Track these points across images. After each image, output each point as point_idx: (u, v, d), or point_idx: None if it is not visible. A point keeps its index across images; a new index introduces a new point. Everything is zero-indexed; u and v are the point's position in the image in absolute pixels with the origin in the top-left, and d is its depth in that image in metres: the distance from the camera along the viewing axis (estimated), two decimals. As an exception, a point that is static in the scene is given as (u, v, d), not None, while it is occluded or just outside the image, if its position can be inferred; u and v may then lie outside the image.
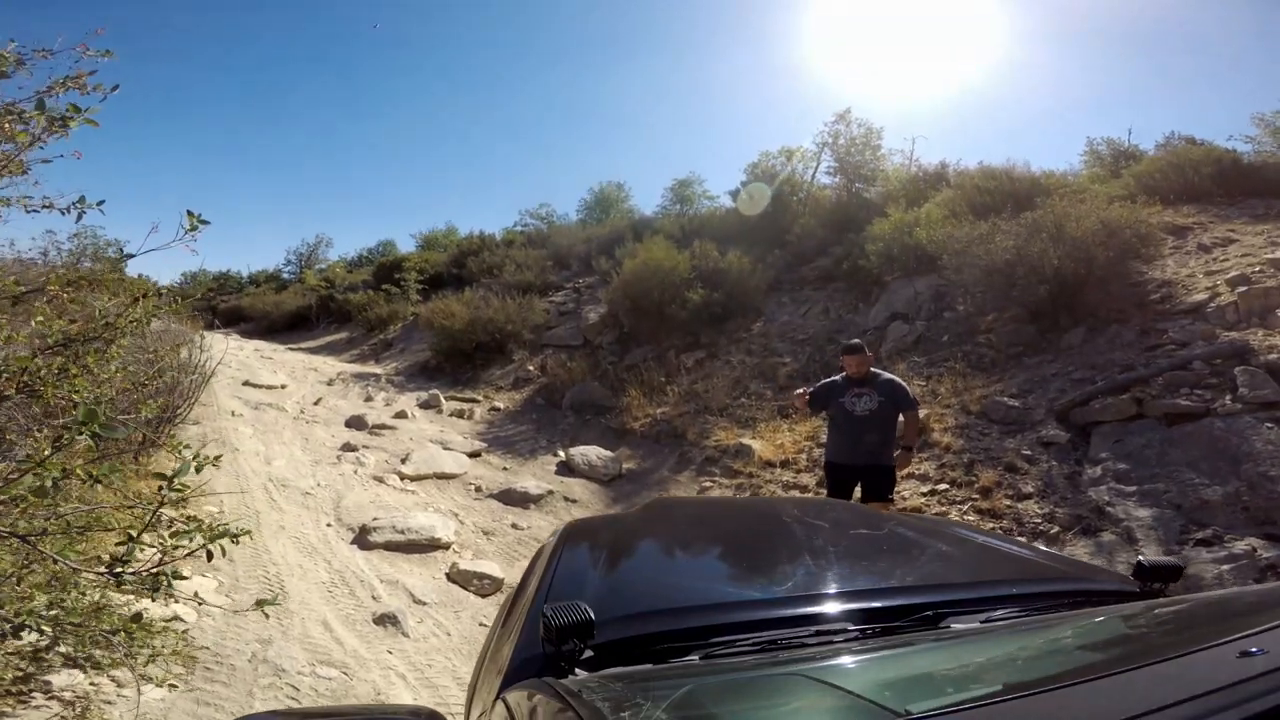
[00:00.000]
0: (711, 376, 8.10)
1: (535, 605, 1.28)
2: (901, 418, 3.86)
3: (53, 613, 2.20)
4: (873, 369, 3.92)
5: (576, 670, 0.99)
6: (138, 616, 2.34)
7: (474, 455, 6.97)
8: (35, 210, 1.62)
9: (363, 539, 4.18)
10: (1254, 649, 0.63)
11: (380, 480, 5.63)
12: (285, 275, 32.84)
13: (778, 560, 1.62)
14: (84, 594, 2.35)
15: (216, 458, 1.92)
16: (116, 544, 1.58)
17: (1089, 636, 1.04)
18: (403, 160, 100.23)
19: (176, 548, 1.50)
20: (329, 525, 4.40)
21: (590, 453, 6.77)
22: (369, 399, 9.99)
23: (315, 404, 9.22)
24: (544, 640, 1.02)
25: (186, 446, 1.75)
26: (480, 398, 9.96)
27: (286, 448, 6.34)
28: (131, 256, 1.76)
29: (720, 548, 1.81)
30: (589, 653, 1.02)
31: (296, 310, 22.53)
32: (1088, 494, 4.49)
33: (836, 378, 4.04)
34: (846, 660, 0.99)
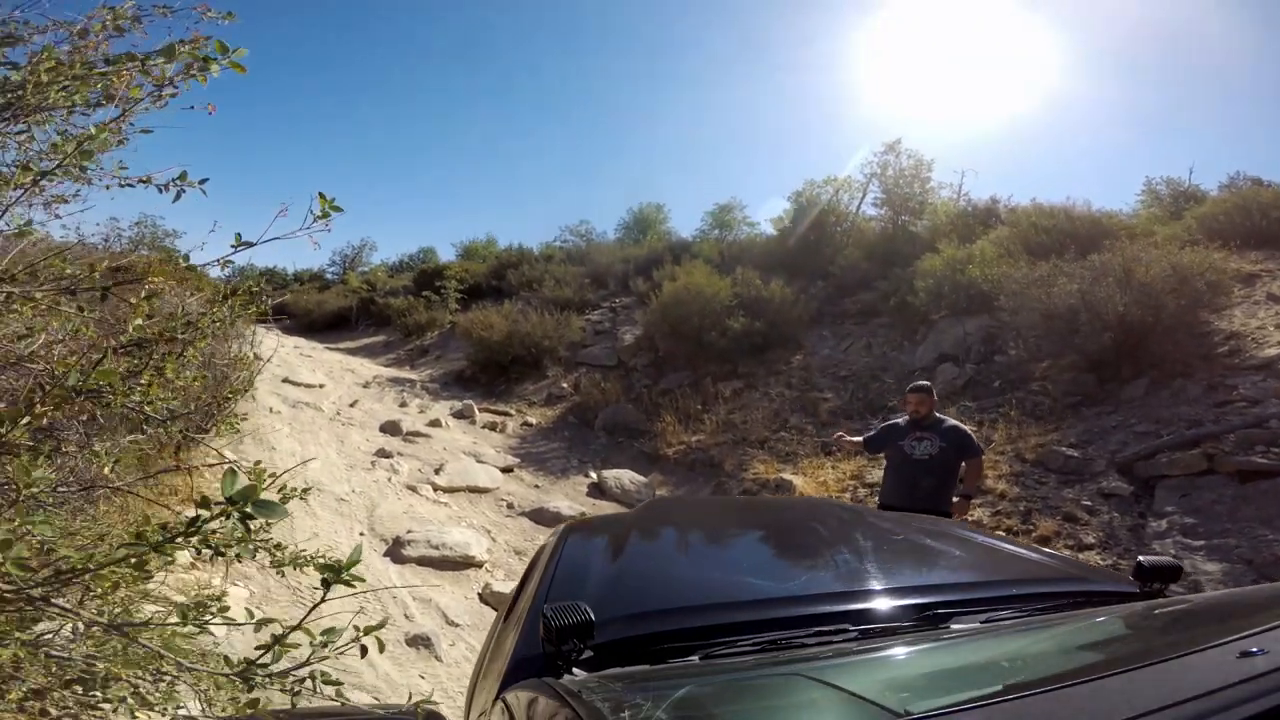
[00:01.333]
0: (749, 408, 7.93)
1: (535, 605, 1.28)
2: (964, 464, 3.72)
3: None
4: (936, 413, 3.79)
5: (576, 670, 0.98)
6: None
7: (507, 470, 6.90)
8: (131, 184, 1.52)
9: (396, 551, 4.11)
10: (1254, 649, 0.63)
11: (414, 490, 5.59)
12: (329, 275, 33.60)
13: (778, 560, 1.66)
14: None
15: (304, 491, 1.78)
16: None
17: (1089, 636, 1.04)
18: (446, 170, 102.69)
19: (326, 644, 1.10)
20: (362, 535, 4.35)
21: (623, 476, 6.65)
22: (404, 404, 10.04)
23: (351, 406, 9.29)
24: (544, 640, 1.01)
25: (261, 472, 1.59)
26: (513, 411, 9.93)
27: (322, 449, 6.35)
28: (189, 263, 1.64)
29: (720, 548, 1.81)
30: (589, 653, 1.01)
31: (337, 310, 22.94)
32: (1152, 546, 4.37)
33: (898, 420, 3.90)
34: (846, 660, 0.98)
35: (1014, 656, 0.95)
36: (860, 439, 4.03)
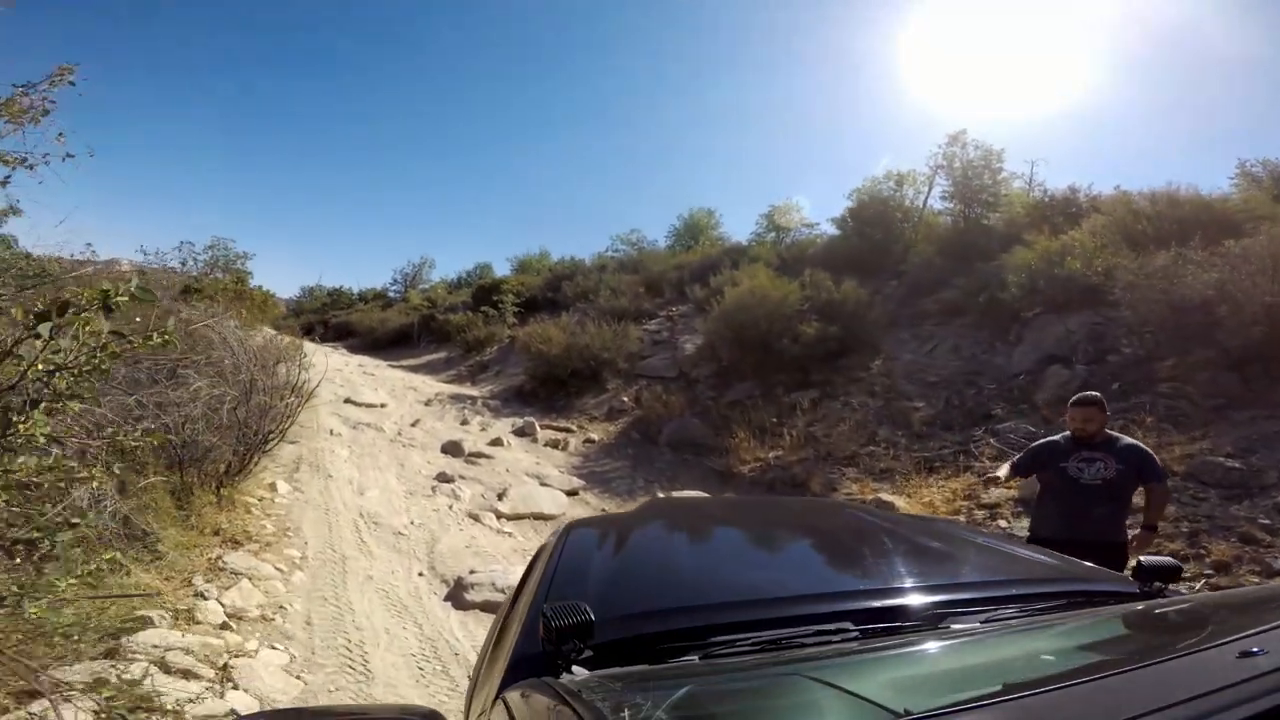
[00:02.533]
0: (831, 419, 7.28)
1: (535, 604, 1.27)
2: (1144, 491, 3.08)
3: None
4: (1108, 430, 3.14)
5: (576, 670, 0.95)
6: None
7: (571, 494, 6.51)
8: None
9: (458, 595, 3.74)
10: (1254, 649, 0.63)
11: (476, 519, 5.25)
12: (391, 294, 34.53)
13: (778, 560, 1.66)
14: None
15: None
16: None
17: (1089, 636, 1.03)
18: (500, 186, 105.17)
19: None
20: (421, 575, 4.01)
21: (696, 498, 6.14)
22: (465, 422, 9.86)
23: (413, 425, 9.16)
24: (543, 640, 1.00)
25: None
26: (575, 427, 9.59)
27: (381, 474, 6.12)
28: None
29: (720, 547, 1.81)
30: (589, 652, 0.99)
31: (400, 328, 23.40)
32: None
33: (1057, 437, 3.27)
34: (846, 660, 0.96)
35: (1014, 656, 0.95)
36: (1003, 471, 3.39)
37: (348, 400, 9.90)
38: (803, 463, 6.44)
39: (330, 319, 31.99)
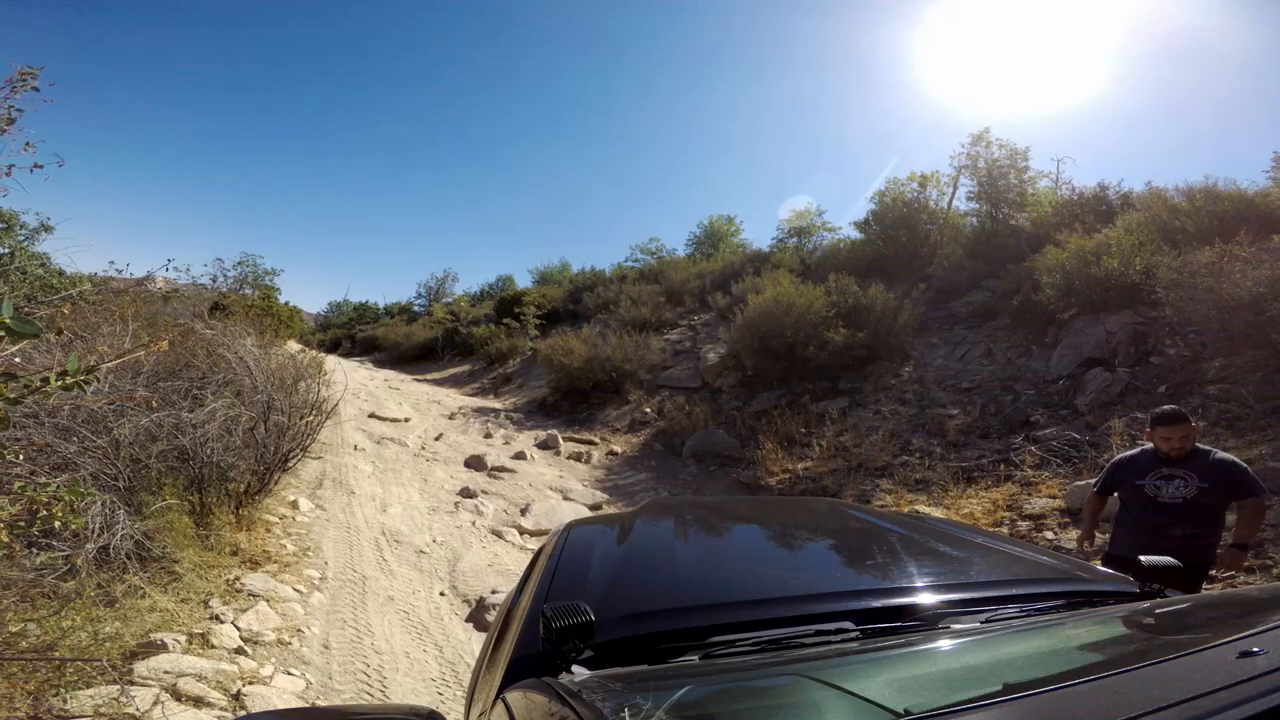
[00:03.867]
0: (861, 428, 7.06)
1: (535, 604, 1.26)
2: (1237, 508, 2.86)
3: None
4: (1198, 445, 2.93)
5: (576, 669, 0.96)
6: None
7: (595, 508, 6.40)
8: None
9: (479, 616, 3.65)
10: (1254, 649, 0.63)
11: (499, 536, 5.17)
12: (416, 308, 34.92)
13: (778, 560, 1.66)
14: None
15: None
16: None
17: (1089, 636, 1.03)
18: (521, 198, 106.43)
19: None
20: (442, 594, 3.92)
21: (722, 512, 5.98)
22: (488, 435, 9.82)
23: (436, 439, 9.14)
24: (544, 640, 0.99)
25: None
26: (597, 440, 9.49)
27: (404, 490, 6.08)
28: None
29: (720, 548, 1.81)
30: (589, 652, 0.99)
31: (424, 341, 23.58)
32: None
33: (1137, 451, 3.07)
34: (846, 660, 0.96)
35: (1014, 656, 0.94)
36: (1089, 512, 3.24)
37: (372, 415, 9.93)
38: (833, 474, 6.24)
39: (357, 333, 32.43)
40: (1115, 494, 3.15)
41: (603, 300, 17.54)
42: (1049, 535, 4.43)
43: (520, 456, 8.23)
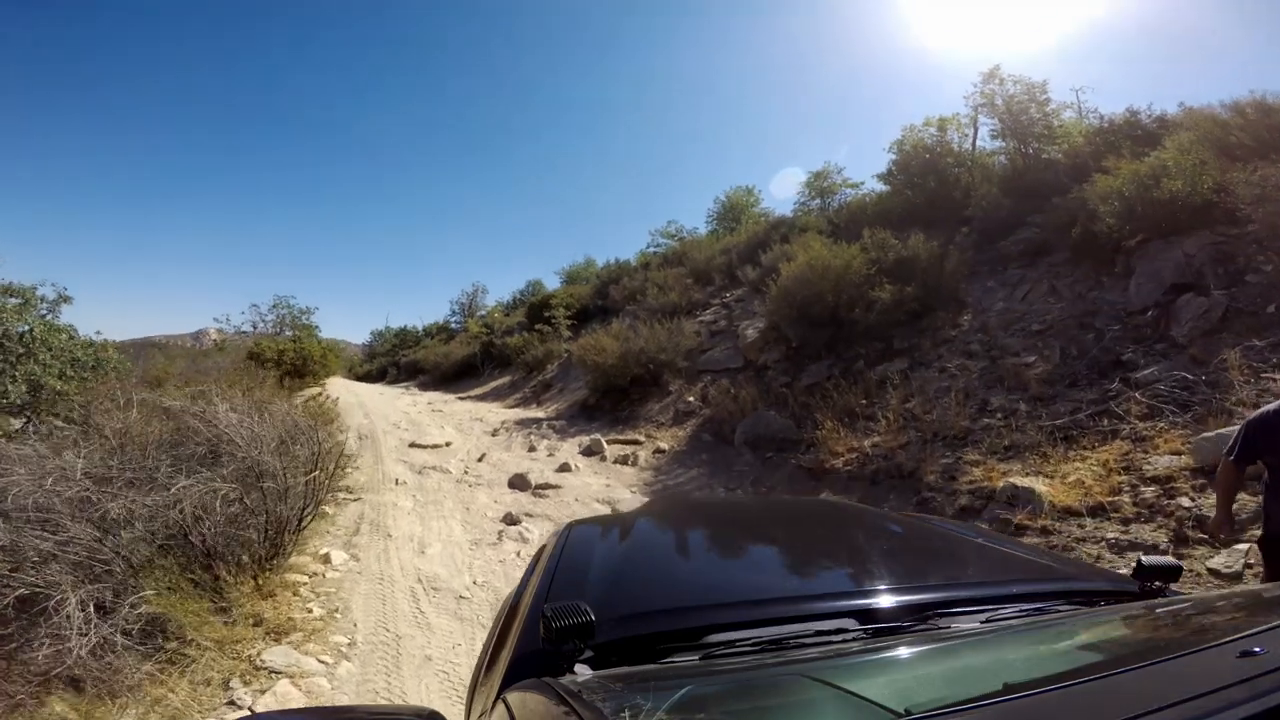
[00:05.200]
0: (928, 392, 6.40)
1: (535, 604, 1.26)
2: None
3: None
4: None
5: (577, 670, 0.95)
6: None
7: (646, 517, 5.97)
8: None
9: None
10: (1255, 648, 0.63)
11: (545, 564, 4.80)
12: (453, 325, 35.18)
13: (778, 559, 1.64)
14: None
15: None
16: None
17: (1089, 636, 1.03)
18: (540, 202, 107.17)
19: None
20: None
21: (784, 505, 5.47)
22: (532, 449, 9.52)
23: (479, 460, 8.89)
24: (544, 640, 0.99)
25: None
26: (642, 438, 9.07)
27: (445, 523, 5.79)
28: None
29: (721, 547, 1.79)
30: (589, 652, 0.99)
31: (463, 359, 23.60)
32: None
33: (1274, 406, 2.46)
34: (847, 660, 0.96)
35: (1014, 656, 0.94)
36: (1224, 485, 2.65)
37: (413, 444, 9.76)
38: (906, 448, 5.63)
39: (401, 359, 32.88)
40: (1259, 461, 2.54)
41: (629, 291, 17.11)
42: (1184, 502, 3.75)
43: (565, 469, 7.89)
